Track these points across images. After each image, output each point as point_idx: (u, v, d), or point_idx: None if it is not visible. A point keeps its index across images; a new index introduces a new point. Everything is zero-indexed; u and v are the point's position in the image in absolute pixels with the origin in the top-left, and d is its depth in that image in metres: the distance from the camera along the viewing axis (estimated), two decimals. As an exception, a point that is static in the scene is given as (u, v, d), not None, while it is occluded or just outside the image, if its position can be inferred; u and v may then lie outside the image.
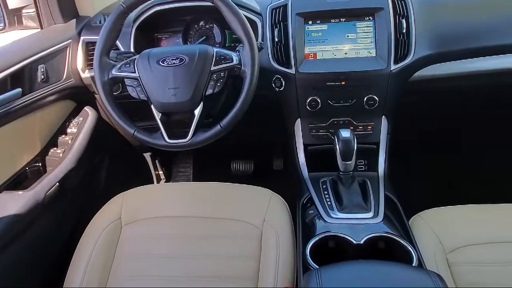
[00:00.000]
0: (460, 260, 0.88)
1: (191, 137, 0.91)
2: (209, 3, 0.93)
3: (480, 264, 0.87)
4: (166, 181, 1.71)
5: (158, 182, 1.69)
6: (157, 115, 0.92)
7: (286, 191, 1.15)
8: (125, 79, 0.93)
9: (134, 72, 0.92)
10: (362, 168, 1.14)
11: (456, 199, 1.01)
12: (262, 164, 1.74)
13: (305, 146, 1.12)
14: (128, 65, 0.93)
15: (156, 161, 1.65)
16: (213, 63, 0.91)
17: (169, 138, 0.92)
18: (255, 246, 0.94)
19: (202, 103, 0.91)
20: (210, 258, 0.93)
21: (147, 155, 1.59)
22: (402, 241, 0.82)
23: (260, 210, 1.00)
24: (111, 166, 1.44)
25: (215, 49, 0.93)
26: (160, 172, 1.68)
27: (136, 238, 0.99)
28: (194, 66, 0.89)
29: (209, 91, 0.90)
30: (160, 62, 0.91)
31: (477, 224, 0.95)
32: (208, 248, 0.95)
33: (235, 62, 0.91)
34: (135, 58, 0.94)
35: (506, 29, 1.07)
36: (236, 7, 0.90)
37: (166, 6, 1.11)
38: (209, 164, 1.83)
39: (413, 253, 0.79)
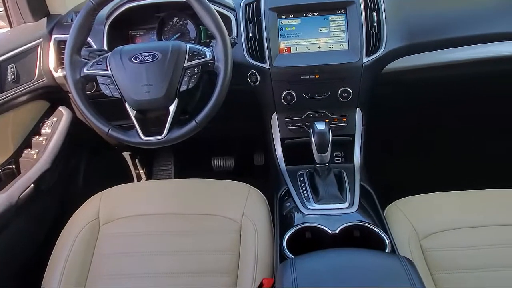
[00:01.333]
0: (433, 245, 0.91)
1: (167, 134, 0.91)
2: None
3: (453, 249, 0.90)
4: (147, 180, 1.71)
5: (138, 181, 1.68)
6: (132, 113, 0.92)
7: (267, 185, 1.16)
8: (98, 77, 0.92)
9: (107, 69, 0.91)
10: (339, 160, 1.16)
11: (432, 187, 1.03)
12: (243, 159, 1.74)
13: (282, 139, 1.13)
14: (100, 63, 0.92)
15: (136, 160, 1.63)
16: (186, 59, 0.91)
17: (144, 135, 0.91)
18: (234, 240, 0.95)
19: (176, 99, 0.91)
20: (189, 253, 0.93)
21: (126, 154, 1.57)
22: (375, 229, 0.84)
23: (239, 204, 1.01)
24: (90, 166, 1.42)
25: (188, 45, 0.93)
26: (141, 171, 1.67)
27: (115, 237, 0.98)
28: (167, 63, 0.89)
29: (183, 87, 0.90)
30: (133, 59, 0.90)
31: (450, 210, 0.98)
32: (187, 244, 0.95)
33: (208, 57, 0.91)
34: (107, 56, 0.93)
35: (474, 20, 1.10)
36: (208, 2, 0.90)
37: (139, 3, 1.10)
38: (190, 162, 1.83)
39: (386, 240, 0.81)
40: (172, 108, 0.90)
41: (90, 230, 0.98)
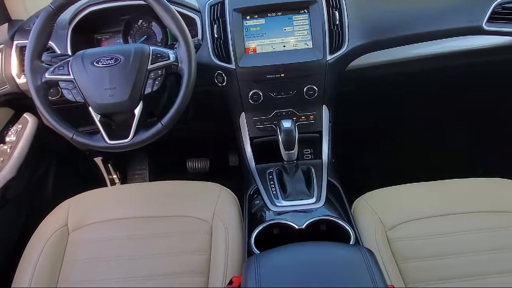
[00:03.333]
0: (399, 236, 0.94)
1: (133, 137, 0.91)
2: (141, 2, 0.92)
3: (417, 238, 0.93)
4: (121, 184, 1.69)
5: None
6: (96, 117, 0.91)
7: (242, 185, 1.17)
8: (60, 82, 0.91)
9: (69, 74, 0.90)
10: (308, 156, 1.18)
11: (399, 180, 1.07)
12: (218, 160, 1.75)
13: (251, 138, 1.14)
14: (62, 68, 0.91)
15: (109, 165, 1.61)
16: (149, 62, 0.91)
17: (110, 139, 0.91)
18: (206, 240, 0.95)
19: (141, 102, 0.90)
20: (160, 256, 0.93)
21: (98, 160, 1.55)
22: (341, 222, 0.86)
23: (210, 204, 1.01)
24: (59, 173, 1.40)
25: (152, 48, 0.93)
26: (114, 176, 1.65)
27: (85, 243, 0.97)
28: (130, 65, 0.89)
29: (148, 90, 0.90)
30: (95, 63, 0.89)
31: (414, 201, 1.01)
32: (158, 246, 0.95)
33: (171, 59, 0.91)
34: (69, 60, 0.92)
35: (433, 16, 1.13)
36: (169, 4, 0.91)
37: (101, 6, 1.09)
38: (165, 165, 1.82)
39: (350, 232, 0.84)
40: (137, 111, 0.90)
41: (59, 237, 0.97)
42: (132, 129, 0.90)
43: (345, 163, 1.29)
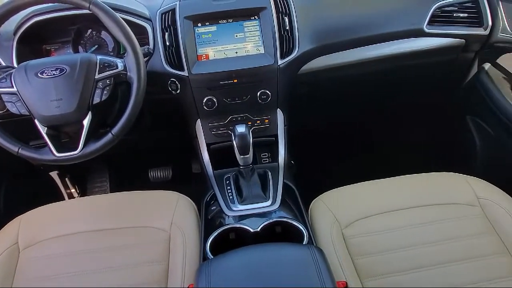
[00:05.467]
0: (354, 233, 0.96)
1: (82, 148, 0.89)
2: (87, 11, 0.91)
3: (371, 234, 0.96)
4: (81, 198, 1.64)
5: (71, 201, 1.61)
6: (43, 129, 0.89)
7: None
8: (2, 95, 0.88)
9: (12, 86, 0.87)
10: (266, 160, 1.19)
11: (357, 179, 1.10)
12: (181, 168, 1.73)
13: (208, 145, 1.14)
14: (4, 80, 0.88)
15: (66, 179, 1.57)
16: (97, 71, 0.89)
17: (58, 152, 0.88)
18: (164, 250, 0.94)
19: (90, 112, 0.89)
20: (118, 269, 0.91)
21: (54, 174, 1.50)
22: (295, 223, 0.87)
23: (167, 213, 1.00)
24: (12, 190, 1.34)
25: (99, 57, 0.92)
26: (72, 190, 1.60)
27: (37, 261, 0.94)
28: (77, 75, 0.87)
29: (97, 100, 0.89)
30: (39, 74, 0.87)
31: (368, 199, 1.04)
32: (114, 260, 0.93)
33: (120, 68, 0.90)
34: (12, 72, 0.89)
35: (379, 20, 1.18)
36: (114, 13, 0.90)
37: (46, 16, 1.07)
38: (127, 176, 1.79)
39: (304, 232, 0.85)
40: (86, 121, 0.88)
41: (9, 256, 0.93)
42: (81, 140, 0.88)
43: (304, 165, 1.31)
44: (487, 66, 1.26)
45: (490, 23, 1.17)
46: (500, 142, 1.24)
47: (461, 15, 1.18)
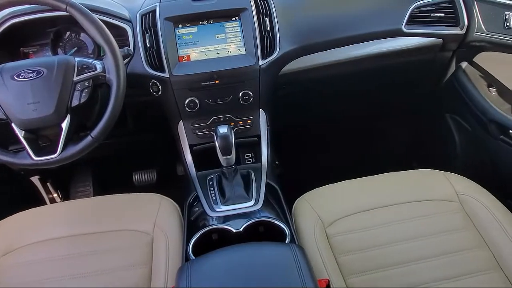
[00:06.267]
0: (337, 231, 0.97)
1: (61, 152, 0.87)
2: (65, 13, 0.90)
3: (354, 232, 0.97)
4: (63, 203, 1.61)
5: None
6: (20, 133, 0.87)
7: None
8: None
9: None
10: (250, 161, 1.19)
11: (342, 177, 1.11)
12: (166, 171, 1.72)
13: (191, 146, 1.13)
14: None
15: (48, 184, 1.54)
16: (75, 73, 0.88)
17: (36, 155, 0.87)
18: (147, 253, 0.94)
19: (69, 115, 0.88)
20: (99, 274, 0.90)
21: (35, 179, 1.48)
22: (277, 222, 0.87)
23: (150, 216, 1.00)
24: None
25: (77, 59, 0.90)
26: (54, 195, 1.57)
27: (16, 267, 0.92)
28: (54, 78, 0.86)
29: (75, 102, 0.88)
30: (15, 77, 0.85)
31: (351, 197, 1.05)
32: (96, 264, 0.92)
33: (99, 70, 0.89)
34: None
35: (358, 20, 1.19)
36: (92, 14, 0.89)
37: (23, 18, 1.05)
38: (111, 180, 1.76)
39: (286, 231, 0.85)
40: (64, 124, 0.87)
41: None
42: (60, 143, 0.87)
43: (288, 164, 1.32)
44: (464, 64, 1.28)
45: (466, 22, 1.19)
46: (478, 139, 1.27)
47: (438, 15, 1.21)
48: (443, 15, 1.21)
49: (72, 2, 0.89)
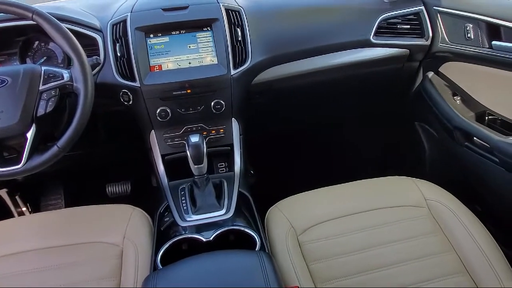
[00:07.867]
0: (309, 239, 0.97)
1: (25, 162, 0.85)
2: (31, 22, 0.89)
3: (325, 239, 0.97)
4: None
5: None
6: None
7: None
8: None
9: None
10: (223, 170, 1.19)
11: (316, 185, 1.11)
12: (140, 182, 1.69)
13: (163, 156, 1.13)
14: None
15: (17, 197, 1.49)
16: (41, 82, 0.87)
17: (0, 166, 0.85)
18: (115, 265, 0.91)
19: (34, 124, 0.86)
20: (68, 288, 0.87)
21: (2, 192, 1.43)
22: (247, 231, 0.87)
23: (120, 227, 0.98)
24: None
25: (44, 68, 0.89)
26: (24, 209, 1.52)
27: (-23, 284, 0.88)
28: (19, 87, 0.85)
29: (41, 112, 0.86)
30: None
31: (322, 205, 1.06)
32: (64, 278, 0.89)
33: (66, 79, 0.88)
34: None
35: (328, 31, 1.22)
36: (59, 23, 0.88)
37: None
38: (84, 192, 1.72)
39: (256, 239, 0.85)
40: (29, 134, 0.85)
41: None
42: (24, 154, 0.85)
43: (263, 173, 1.32)
44: (430, 74, 1.33)
45: (430, 34, 1.24)
46: (445, 146, 1.31)
47: (405, 26, 1.25)
48: (409, 27, 1.25)
49: (38, 10, 0.88)
